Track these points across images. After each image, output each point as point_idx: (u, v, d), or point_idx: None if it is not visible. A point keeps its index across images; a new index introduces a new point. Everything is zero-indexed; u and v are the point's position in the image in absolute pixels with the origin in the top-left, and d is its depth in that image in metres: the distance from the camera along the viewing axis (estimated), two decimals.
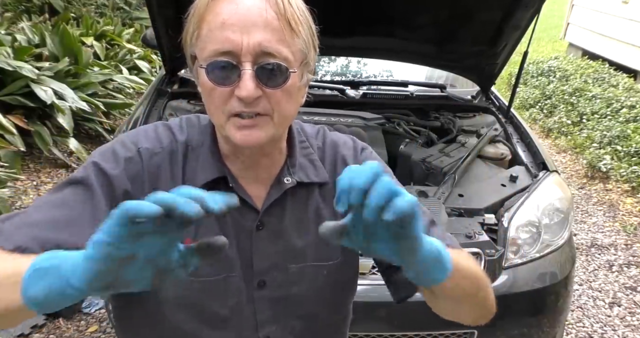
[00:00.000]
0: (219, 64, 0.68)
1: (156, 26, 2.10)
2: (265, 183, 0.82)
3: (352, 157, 0.88)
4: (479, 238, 1.74)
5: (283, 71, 0.69)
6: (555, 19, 10.02)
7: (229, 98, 0.69)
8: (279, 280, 0.82)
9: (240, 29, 0.66)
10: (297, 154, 0.84)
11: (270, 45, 0.67)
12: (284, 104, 0.72)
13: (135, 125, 2.13)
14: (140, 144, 0.78)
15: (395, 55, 2.67)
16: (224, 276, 0.79)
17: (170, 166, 0.78)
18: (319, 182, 0.84)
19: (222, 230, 0.78)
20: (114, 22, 5.77)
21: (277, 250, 0.82)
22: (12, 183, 3.11)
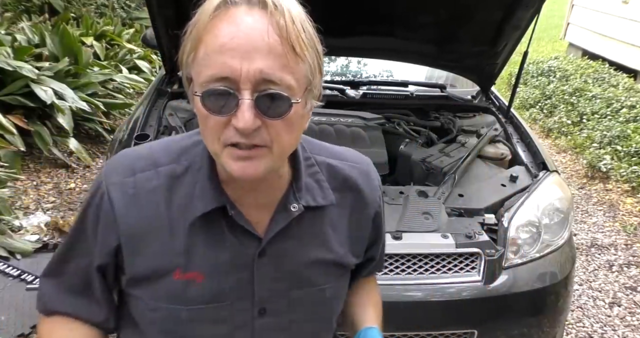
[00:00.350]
0: (216, 92, 0.62)
1: (156, 26, 2.10)
2: (267, 208, 0.78)
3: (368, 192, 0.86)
4: (479, 238, 1.74)
5: (285, 101, 0.64)
6: (555, 19, 10.02)
7: (225, 127, 0.64)
8: (280, 307, 0.80)
9: (240, 54, 0.61)
10: (303, 174, 0.79)
11: (273, 73, 0.62)
12: (285, 135, 0.67)
13: (135, 125, 2.13)
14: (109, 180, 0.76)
15: (395, 55, 2.67)
16: (217, 305, 0.77)
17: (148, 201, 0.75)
18: (325, 205, 0.80)
19: (218, 260, 0.75)
20: (114, 22, 5.77)
21: (279, 277, 0.79)
22: (12, 183, 3.11)
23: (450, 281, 1.69)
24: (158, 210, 0.74)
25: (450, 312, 1.70)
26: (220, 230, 0.75)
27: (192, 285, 0.75)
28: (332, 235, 0.82)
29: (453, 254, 1.72)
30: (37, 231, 2.84)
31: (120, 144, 2.09)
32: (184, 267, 0.74)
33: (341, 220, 0.83)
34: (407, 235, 1.72)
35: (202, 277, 0.75)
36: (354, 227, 0.85)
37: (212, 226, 0.75)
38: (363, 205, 0.85)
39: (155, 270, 0.75)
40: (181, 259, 0.74)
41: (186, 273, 0.74)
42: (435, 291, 1.67)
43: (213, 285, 0.76)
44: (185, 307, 0.75)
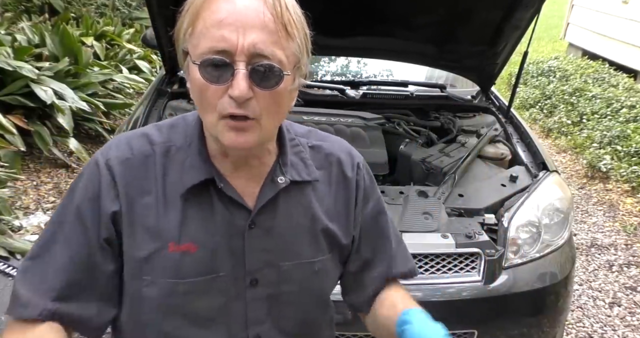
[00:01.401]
0: (213, 62, 0.67)
1: (156, 26, 2.10)
2: (256, 181, 0.82)
3: (348, 164, 0.90)
4: (479, 238, 1.74)
5: (276, 73, 0.69)
6: (555, 19, 10.03)
7: (220, 97, 0.69)
8: (271, 278, 0.83)
9: (236, 28, 0.66)
10: (288, 152, 0.84)
11: (265, 47, 0.67)
12: (273, 108, 0.72)
13: (135, 125, 2.13)
14: (108, 155, 0.78)
15: (395, 55, 2.67)
16: (212, 276, 0.79)
17: (145, 169, 0.78)
18: (310, 180, 0.85)
19: (210, 231, 0.78)
20: (114, 22, 5.77)
21: (269, 248, 0.82)
22: (12, 183, 3.11)
23: (450, 281, 1.69)
24: (155, 183, 0.78)
25: (450, 312, 1.70)
26: (211, 202, 0.78)
27: (187, 257, 0.77)
28: (319, 208, 0.86)
29: (453, 254, 1.72)
30: (37, 231, 2.84)
31: None
32: (178, 239, 0.77)
33: (327, 195, 0.88)
34: (407, 235, 1.72)
35: (195, 247, 0.77)
36: (340, 202, 0.89)
37: (203, 198, 0.78)
38: (346, 178, 0.89)
39: (152, 246, 0.77)
40: (175, 231, 0.77)
41: (180, 245, 0.77)
42: (435, 291, 1.67)
43: (207, 256, 0.78)
44: (181, 280, 0.77)
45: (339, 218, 0.88)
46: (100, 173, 0.77)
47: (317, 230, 0.86)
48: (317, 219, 0.86)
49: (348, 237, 0.90)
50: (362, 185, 0.91)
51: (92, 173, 0.78)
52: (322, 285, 0.90)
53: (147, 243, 0.77)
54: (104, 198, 0.76)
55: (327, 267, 0.89)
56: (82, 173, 0.80)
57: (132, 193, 0.77)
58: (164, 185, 0.78)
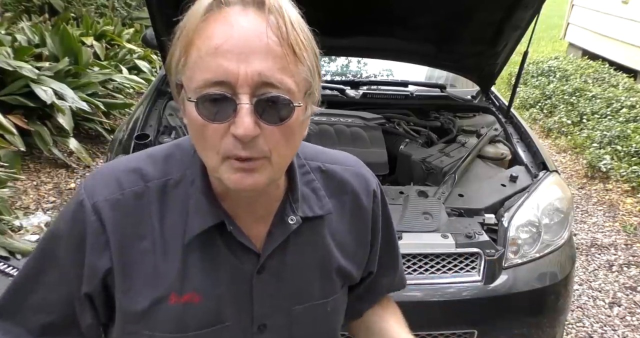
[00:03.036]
0: (211, 97, 0.58)
1: (156, 26, 2.10)
2: (264, 221, 0.74)
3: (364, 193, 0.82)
4: (479, 238, 1.74)
5: (286, 105, 0.60)
6: (555, 19, 10.02)
7: (222, 136, 0.60)
8: (281, 323, 0.77)
9: (236, 56, 0.57)
10: (299, 183, 0.75)
11: (272, 75, 0.58)
12: (284, 144, 0.62)
13: (135, 125, 2.13)
14: (95, 196, 0.69)
15: (395, 55, 2.67)
16: (217, 327, 0.72)
17: (139, 213, 0.69)
18: (323, 214, 0.77)
19: (214, 278, 0.71)
20: (114, 22, 5.77)
21: (279, 293, 0.75)
22: (12, 183, 3.11)
23: (450, 281, 1.69)
24: (151, 230, 0.69)
25: (450, 312, 1.70)
26: (217, 247, 0.71)
27: (190, 308, 0.71)
28: (332, 244, 0.79)
29: (453, 254, 1.72)
30: (37, 231, 2.84)
31: (120, 144, 2.09)
32: (180, 289, 0.70)
33: (341, 227, 0.80)
34: (407, 235, 1.72)
35: (199, 297, 0.70)
36: (354, 232, 0.82)
37: (208, 244, 0.70)
38: (361, 208, 0.82)
39: (151, 298, 0.70)
40: (176, 282, 0.70)
41: (182, 295, 0.70)
42: (435, 291, 1.67)
43: (211, 306, 0.72)
44: (184, 334, 0.71)
45: (354, 254, 0.83)
46: (85, 218, 0.68)
47: (330, 269, 0.79)
48: (330, 257, 0.79)
49: (361, 271, 0.86)
50: (379, 213, 0.84)
51: (76, 217, 0.69)
52: (334, 322, 0.85)
53: (145, 295, 0.69)
54: (90, 249, 0.68)
55: (339, 303, 0.84)
56: (65, 215, 0.71)
57: (125, 241, 0.68)
58: (162, 228, 0.69)
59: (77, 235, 0.69)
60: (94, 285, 0.69)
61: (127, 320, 0.71)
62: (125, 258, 0.69)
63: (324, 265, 0.79)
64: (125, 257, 0.69)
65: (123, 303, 0.70)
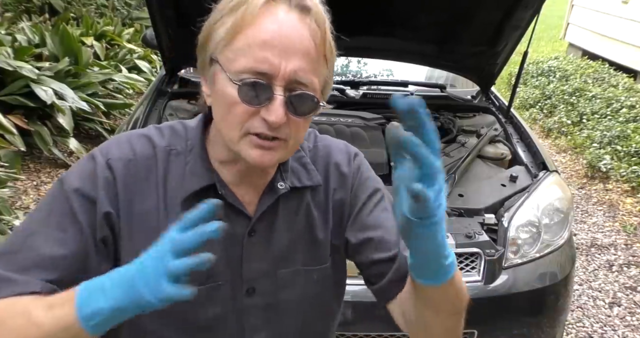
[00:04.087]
0: (254, 83, 0.66)
1: (156, 26, 2.10)
2: (256, 189, 0.80)
3: (345, 164, 0.87)
4: (479, 238, 1.74)
5: (312, 101, 0.69)
6: (555, 19, 10.02)
7: (251, 117, 0.68)
8: (269, 287, 0.81)
9: (280, 52, 0.65)
10: (290, 158, 0.82)
11: (305, 75, 0.67)
12: (302, 131, 0.73)
13: (135, 125, 2.13)
14: (110, 155, 0.75)
15: (395, 55, 2.67)
16: (210, 285, 0.77)
17: (146, 172, 0.75)
18: (311, 185, 0.83)
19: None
20: (114, 22, 5.77)
21: (267, 256, 0.80)
22: (12, 183, 3.11)
23: None
24: (156, 190, 0.75)
25: None
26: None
27: None
28: (318, 216, 0.84)
29: None
30: None
31: None
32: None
33: (325, 198, 0.85)
34: None
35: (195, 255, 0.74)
36: (340, 202, 0.86)
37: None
38: (343, 175, 0.86)
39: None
40: None
41: None
42: None
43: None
44: None
45: (335, 219, 0.86)
46: (97, 171, 0.73)
47: (315, 238, 0.84)
48: (314, 227, 0.84)
49: (341, 236, 0.86)
50: (360, 173, 0.87)
51: (88, 170, 0.73)
52: (323, 295, 0.88)
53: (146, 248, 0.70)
54: (101, 198, 0.72)
55: (328, 274, 0.86)
56: (75, 168, 0.75)
57: (132, 197, 0.74)
58: (165, 190, 0.76)
59: (89, 186, 0.72)
60: (105, 231, 0.73)
61: None
62: (131, 213, 0.74)
63: (310, 233, 0.83)
64: (131, 212, 0.74)
65: (125, 253, 0.74)
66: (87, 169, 0.74)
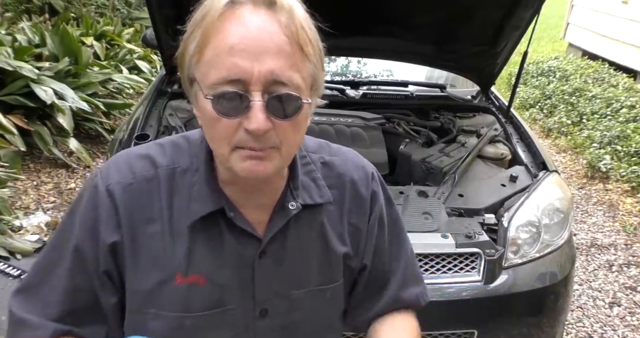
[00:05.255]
0: (227, 95, 0.61)
1: (156, 26, 2.10)
2: (266, 208, 0.77)
3: (363, 184, 0.84)
4: (479, 238, 1.74)
5: (295, 101, 0.64)
6: (555, 19, 10.02)
7: (235, 130, 0.64)
8: (282, 308, 0.79)
9: (250, 54, 0.60)
10: (299, 173, 0.79)
11: (282, 74, 0.62)
12: (292, 136, 0.67)
13: (135, 125, 2.13)
14: (109, 180, 0.73)
15: (395, 55, 2.67)
16: (220, 310, 0.75)
17: (149, 195, 0.73)
18: (323, 203, 0.80)
19: (218, 262, 0.74)
20: (114, 22, 5.77)
21: (279, 277, 0.78)
22: (12, 183, 3.11)
23: (450, 281, 1.69)
24: (160, 213, 0.73)
25: (450, 312, 1.70)
26: (220, 232, 0.74)
27: (195, 290, 0.73)
28: (331, 232, 0.81)
29: (453, 254, 1.72)
30: (37, 231, 2.84)
31: (120, 144, 2.09)
32: (185, 270, 0.73)
33: (340, 216, 0.83)
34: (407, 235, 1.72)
35: (203, 279, 0.73)
36: (354, 221, 0.84)
37: (211, 228, 0.74)
38: (360, 197, 0.84)
39: (157, 278, 0.73)
40: (182, 263, 0.73)
41: (187, 277, 0.73)
42: (435, 291, 1.67)
43: (215, 289, 0.75)
44: (189, 314, 0.73)
45: (351, 241, 0.84)
46: (99, 200, 0.72)
47: (330, 257, 0.82)
48: (328, 244, 0.81)
49: (359, 261, 0.86)
50: (377, 199, 0.85)
51: (90, 199, 0.73)
52: (333, 311, 0.87)
53: (153, 274, 0.72)
54: (104, 228, 0.71)
55: (339, 293, 0.85)
56: (80, 199, 0.75)
57: (136, 223, 0.72)
58: (170, 212, 0.73)
59: (91, 217, 0.72)
60: (109, 263, 0.72)
61: (134, 298, 0.74)
62: (135, 239, 0.72)
63: (323, 252, 0.81)
64: (136, 238, 0.72)
65: (131, 282, 0.73)
66: (89, 198, 0.73)
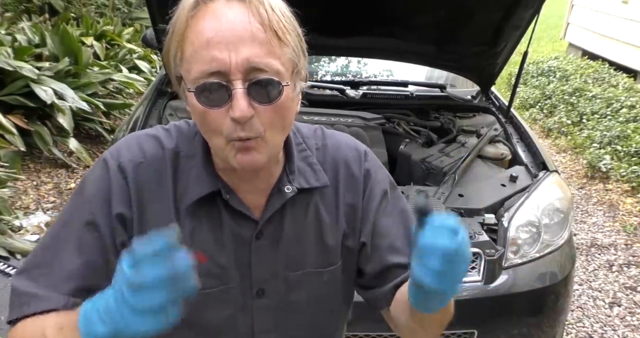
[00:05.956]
0: (208, 86, 0.64)
1: (156, 26, 2.10)
2: (263, 192, 0.79)
3: (356, 164, 0.85)
4: (479, 238, 1.74)
5: (276, 86, 0.65)
6: (555, 19, 10.02)
7: (223, 120, 0.66)
8: (278, 289, 0.81)
9: (226, 46, 0.63)
10: (295, 158, 0.81)
11: (260, 60, 0.64)
12: (278, 121, 0.69)
13: (135, 125, 2.13)
14: (121, 158, 0.75)
15: (395, 55, 2.67)
16: (221, 288, 0.78)
17: (157, 175, 0.75)
18: (319, 186, 0.81)
19: (219, 242, 0.77)
20: (114, 22, 5.77)
21: (276, 259, 0.80)
22: (12, 183, 3.11)
23: None
24: (167, 193, 0.76)
25: None
26: (219, 213, 0.77)
27: (197, 267, 0.73)
28: (327, 217, 0.83)
29: None
30: (37, 231, 2.84)
31: None
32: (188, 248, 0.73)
33: (335, 198, 0.84)
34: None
35: (205, 258, 0.75)
36: (349, 202, 0.84)
37: (210, 209, 0.77)
38: (353, 176, 0.85)
39: None
40: (186, 241, 0.72)
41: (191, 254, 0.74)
42: None
43: (216, 267, 0.77)
44: None
45: (347, 221, 0.85)
46: (110, 175, 0.74)
47: (326, 240, 0.83)
48: (324, 228, 0.83)
49: (356, 237, 0.86)
50: (370, 177, 0.86)
51: (101, 175, 0.74)
52: (332, 295, 0.87)
53: None
54: (116, 200, 0.73)
55: (337, 275, 0.86)
56: (89, 175, 0.76)
57: (145, 199, 0.74)
58: (175, 191, 0.76)
59: (104, 188, 0.73)
60: (122, 234, 0.74)
61: None
62: (144, 215, 0.74)
63: (319, 235, 0.82)
64: (144, 214, 0.74)
65: None
66: (100, 174, 0.75)
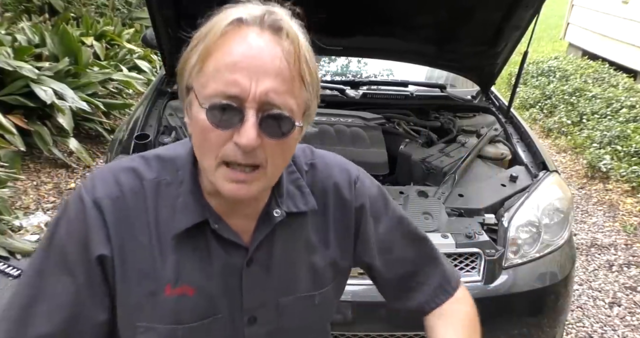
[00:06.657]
0: (223, 106, 0.63)
1: (156, 26, 2.10)
2: (252, 217, 0.78)
3: (346, 187, 0.84)
4: (479, 238, 1.74)
5: (287, 122, 0.65)
6: (555, 19, 10.02)
7: (224, 142, 0.65)
8: (270, 315, 0.80)
9: (250, 74, 0.62)
10: (285, 180, 0.79)
11: (278, 96, 0.63)
12: (279, 156, 0.68)
13: (135, 125, 2.13)
14: (96, 193, 0.72)
15: (395, 55, 2.67)
16: (210, 319, 0.76)
17: (136, 209, 0.73)
18: (307, 210, 0.80)
19: (206, 272, 0.75)
20: (114, 22, 5.77)
21: (267, 285, 0.79)
22: (12, 183, 3.11)
23: None
24: (147, 225, 0.73)
25: None
26: (206, 242, 0.75)
27: (184, 300, 0.74)
28: (317, 240, 0.82)
29: (453, 254, 1.72)
30: (37, 231, 2.84)
31: (120, 144, 2.09)
32: (174, 282, 0.73)
33: (325, 222, 0.83)
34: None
35: (192, 290, 0.74)
36: (339, 225, 0.84)
37: (198, 239, 0.74)
38: (343, 200, 0.84)
39: (147, 290, 0.73)
40: (171, 274, 0.73)
41: (176, 288, 0.73)
42: None
43: (205, 299, 0.75)
44: (180, 325, 0.74)
45: (339, 247, 0.84)
46: (86, 213, 0.70)
47: (317, 263, 0.82)
48: (314, 251, 0.82)
49: (348, 260, 0.87)
50: (363, 203, 0.85)
51: (77, 213, 0.71)
52: (323, 317, 0.88)
53: (142, 287, 0.72)
54: (93, 241, 0.70)
55: (328, 298, 0.86)
56: (64, 213, 0.73)
57: (124, 235, 0.71)
58: (157, 224, 0.73)
59: (79, 230, 0.71)
60: (99, 275, 0.71)
61: (125, 312, 0.74)
62: (124, 252, 0.72)
63: (310, 259, 0.82)
64: (125, 250, 0.72)
65: (121, 296, 0.73)
66: (75, 212, 0.72)
